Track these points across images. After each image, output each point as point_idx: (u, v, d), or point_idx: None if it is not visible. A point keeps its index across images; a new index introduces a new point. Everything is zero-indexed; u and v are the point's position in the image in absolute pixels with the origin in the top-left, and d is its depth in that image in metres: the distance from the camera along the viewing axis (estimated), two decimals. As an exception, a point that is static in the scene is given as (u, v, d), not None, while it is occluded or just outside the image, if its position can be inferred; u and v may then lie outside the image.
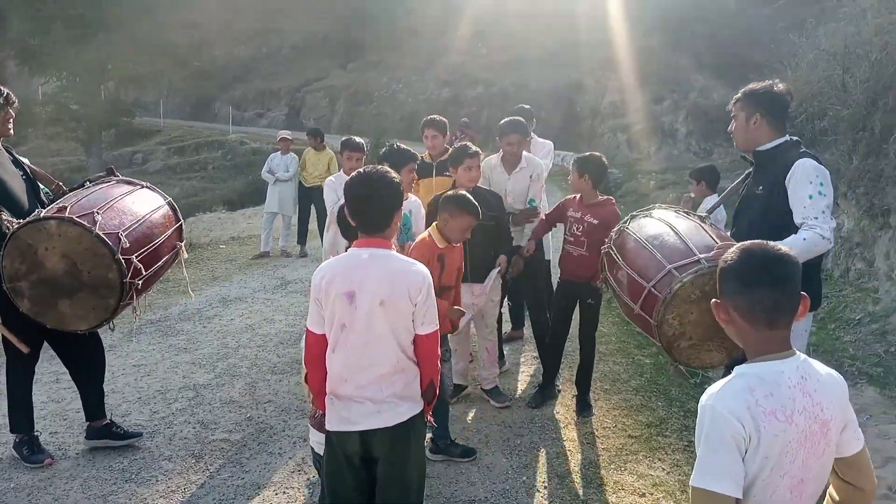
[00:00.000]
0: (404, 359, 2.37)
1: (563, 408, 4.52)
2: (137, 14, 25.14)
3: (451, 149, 4.77)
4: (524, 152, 4.86)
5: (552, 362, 4.64)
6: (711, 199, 5.21)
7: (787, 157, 2.91)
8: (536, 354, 5.30)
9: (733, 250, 1.70)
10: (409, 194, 4.20)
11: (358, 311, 2.31)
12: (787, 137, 3.00)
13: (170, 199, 3.91)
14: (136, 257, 3.36)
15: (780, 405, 1.56)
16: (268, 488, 3.49)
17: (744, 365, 1.66)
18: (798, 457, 1.59)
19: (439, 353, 2.46)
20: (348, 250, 2.47)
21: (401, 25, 31.35)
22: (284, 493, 3.46)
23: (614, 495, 3.51)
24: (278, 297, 7.13)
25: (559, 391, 4.72)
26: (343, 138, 5.58)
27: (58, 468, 3.64)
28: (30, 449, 3.73)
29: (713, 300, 1.74)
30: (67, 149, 25.41)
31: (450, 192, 3.84)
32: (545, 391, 4.62)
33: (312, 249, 9.16)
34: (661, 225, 3.09)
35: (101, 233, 3.22)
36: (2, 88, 3.66)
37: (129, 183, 3.84)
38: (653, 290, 2.79)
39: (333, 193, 4.93)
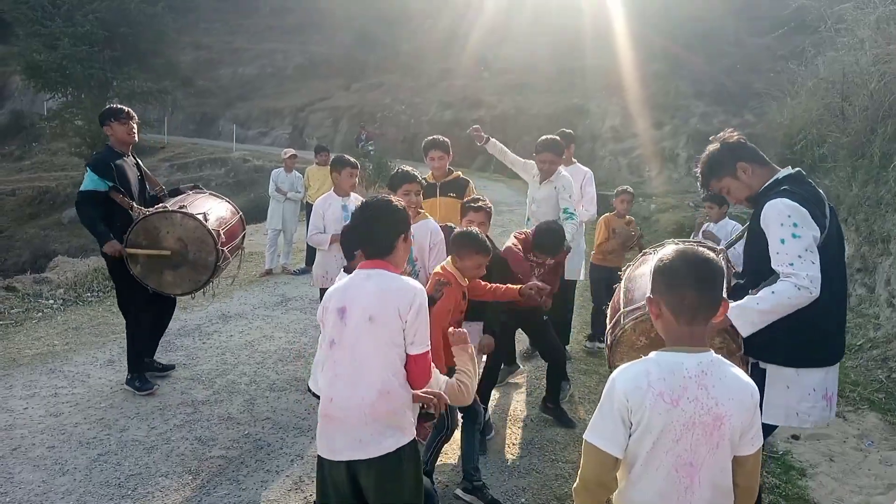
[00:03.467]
0: (391, 380, 2.31)
1: (563, 430, 4.50)
2: (144, 33, 25.42)
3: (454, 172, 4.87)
4: (561, 169, 5.22)
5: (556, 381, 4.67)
6: (725, 223, 5.42)
7: (763, 200, 2.69)
8: (537, 375, 5.30)
9: (669, 252, 1.90)
10: (428, 216, 4.20)
11: (347, 327, 2.32)
12: (777, 176, 2.77)
13: (240, 212, 5.28)
14: (226, 248, 4.73)
15: (669, 389, 1.78)
16: (265, 506, 3.47)
17: (656, 351, 1.87)
18: (684, 439, 1.78)
19: (431, 375, 2.40)
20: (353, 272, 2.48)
21: (404, 48, 31.67)
22: (281, 511, 3.44)
23: (613, 518, 3.48)
24: (278, 314, 7.12)
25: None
26: (334, 157, 5.62)
27: (54, 483, 3.62)
28: (140, 381, 4.84)
29: (647, 296, 1.93)
30: (71, 164, 25.50)
31: (460, 230, 3.68)
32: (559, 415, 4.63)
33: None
34: (650, 261, 3.04)
35: (211, 228, 4.57)
36: (124, 108, 4.86)
37: (214, 195, 5.20)
38: (609, 335, 2.82)
39: (319, 219, 5.01)
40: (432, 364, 2.44)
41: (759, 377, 2.66)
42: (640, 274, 3.08)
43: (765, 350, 2.69)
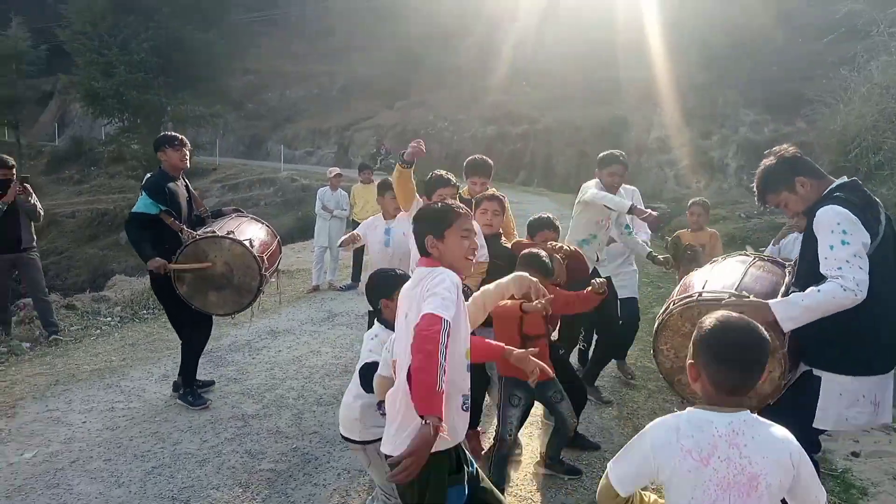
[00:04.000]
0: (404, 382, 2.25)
1: (612, 446, 4.42)
2: (197, 59, 26.29)
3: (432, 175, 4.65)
4: (624, 185, 5.15)
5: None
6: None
7: (816, 207, 2.74)
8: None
9: (714, 320, 1.84)
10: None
11: (401, 328, 2.40)
12: (831, 186, 2.81)
13: (278, 236, 5.40)
14: (268, 273, 4.88)
15: (697, 447, 1.77)
16: (312, 519, 3.51)
17: (690, 407, 1.88)
18: (721, 501, 1.75)
19: (433, 331, 2.06)
20: None
21: (445, 65, 31.96)
22: (329, 524, 3.47)
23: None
24: (325, 329, 7.22)
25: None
26: (379, 181, 5.67)
27: (110, 495, 3.73)
28: (194, 396, 5.00)
29: (689, 361, 1.89)
30: (128, 186, 26.44)
31: (527, 251, 3.72)
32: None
33: (361, 283, 9.33)
34: (716, 263, 3.25)
35: (256, 254, 4.73)
36: (178, 135, 5.03)
37: (255, 219, 5.36)
38: (657, 319, 3.06)
39: (361, 234, 5.07)
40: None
41: (814, 384, 2.72)
42: (704, 270, 3.24)
43: (819, 357, 2.72)
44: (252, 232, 5.05)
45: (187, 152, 5.04)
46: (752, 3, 20.97)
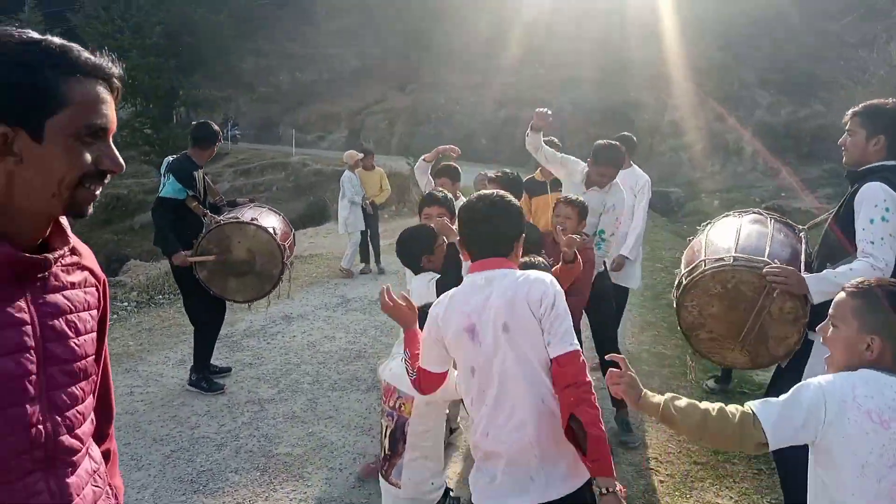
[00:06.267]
0: (550, 399, 1.96)
1: (609, 431, 4.44)
2: (208, 42, 26.26)
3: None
4: (617, 181, 4.40)
5: None
6: None
7: (863, 181, 2.76)
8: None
9: None
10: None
11: (483, 346, 1.98)
12: (885, 162, 2.81)
13: (292, 227, 5.46)
14: (288, 262, 4.97)
15: (878, 408, 1.66)
16: (328, 503, 3.55)
17: (863, 369, 1.77)
18: None
19: (587, 379, 1.91)
20: (465, 277, 2.16)
21: (457, 47, 31.71)
22: (345, 508, 3.51)
23: (678, 522, 3.43)
24: (339, 314, 7.26)
25: None
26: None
27: (130, 478, 3.79)
28: (208, 382, 5.03)
29: (864, 334, 1.78)
30: (141, 171, 26.54)
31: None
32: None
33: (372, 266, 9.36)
34: (735, 222, 3.32)
35: (279, 242, 4.82)
36: (216, 127, 5.07)
37: (272, 210, 5.39)
38: (684, 278, 3.09)
39: None
40: None
41: (808, 346, 2.86)
42: (726, 229, 3.28)
43: (817, 320, 2.78)
44: (273, 221, 5.11)
45: (216, 149, 5.16)
46: (768, -19, 20.63)
